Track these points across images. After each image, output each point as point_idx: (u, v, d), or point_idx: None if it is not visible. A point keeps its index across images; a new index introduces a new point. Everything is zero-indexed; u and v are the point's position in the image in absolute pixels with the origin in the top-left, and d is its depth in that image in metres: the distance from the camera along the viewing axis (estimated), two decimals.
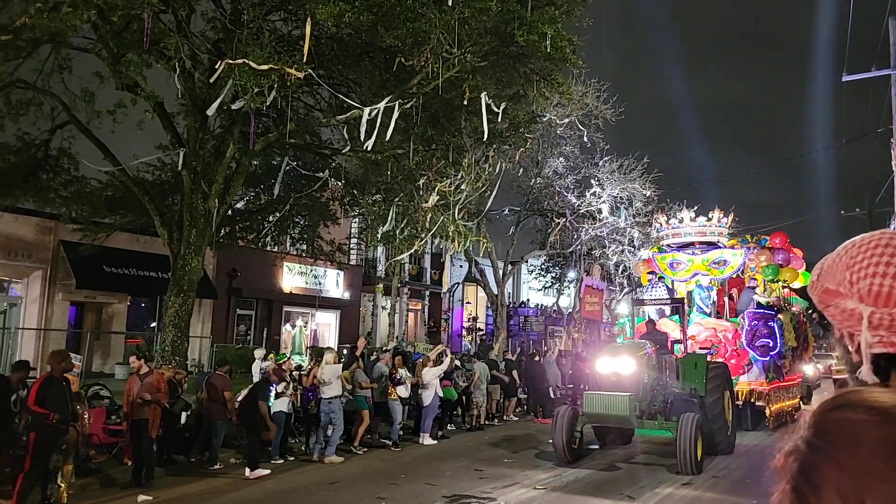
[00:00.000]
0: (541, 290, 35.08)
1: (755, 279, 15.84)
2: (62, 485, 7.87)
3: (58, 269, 18.52)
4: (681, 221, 16.03)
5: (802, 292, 19.73)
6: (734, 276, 15.81)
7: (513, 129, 12.61)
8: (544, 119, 12.87)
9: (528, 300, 36.59)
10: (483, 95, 10.48)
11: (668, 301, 14.61)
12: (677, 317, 14.21)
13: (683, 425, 9.77)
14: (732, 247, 15.76)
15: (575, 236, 23.57)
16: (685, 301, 14.21)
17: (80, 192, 13.55)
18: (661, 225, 16.46)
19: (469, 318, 32.80)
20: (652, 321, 12.79)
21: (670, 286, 16.15)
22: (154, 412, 9.18)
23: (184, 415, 10.44)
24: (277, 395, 10.81)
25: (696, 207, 16.74)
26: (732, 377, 13.20)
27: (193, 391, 11.95)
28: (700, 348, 13.44)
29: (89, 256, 16.70)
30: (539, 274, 33.45)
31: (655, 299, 14.89)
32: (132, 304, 21.32)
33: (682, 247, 15.83)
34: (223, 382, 10.46)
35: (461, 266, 30.75)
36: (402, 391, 12.35)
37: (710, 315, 15.48)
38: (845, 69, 16.92)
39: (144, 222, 13.88)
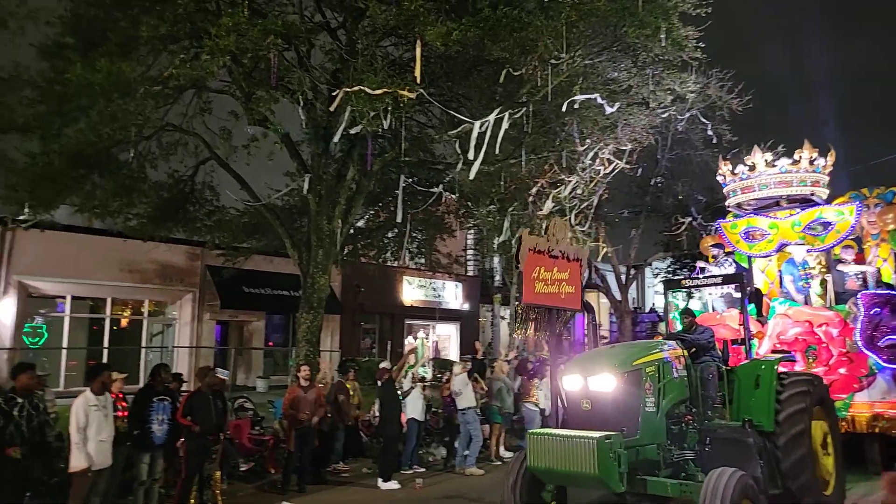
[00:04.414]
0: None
1: (851, 247, 10.74)
2: (216, 491, 8.59)
3: (205, 291, 20.31)
4: (752, 169, 10.95)
5: None
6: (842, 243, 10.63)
7: (628, 127, 12.26)
8: (663, 116, 12.36)
9: (654, 305, 35.13)
10: (597, 96, 10.28)
11: (720, 279, 9.48)
12: (753, 306, 9.84)
13: (711, 491, 5.69)
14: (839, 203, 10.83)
15: (703, 236, 22.31)
16: (745, 278, 9.19)
17: (222, 221, 14.77)
18: (725, 177, 11.38)
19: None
20: (689, 312, 8.31)
21: (747, 265, 11.34)
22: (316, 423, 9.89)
23: None
24: (405, 394, 11.09)
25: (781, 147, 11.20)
26: (842, 395, 9.16)
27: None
28: (783, 351, 9.00)
29: (231, 279, 18.16)
30: (666, 278, 32.05)
31: (696, 278, 9.83)
32: (268, 321, 22.90)
33: (762, 208, 11.23)
34: (338, 388, 11.00)
35: None
36: (542, 399, 11.97)
37: (805, 302, 10.63)
38: None
39: (277, 245, 14.86)
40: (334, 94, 10.02)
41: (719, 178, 11.79)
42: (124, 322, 20.06)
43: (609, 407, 6.40)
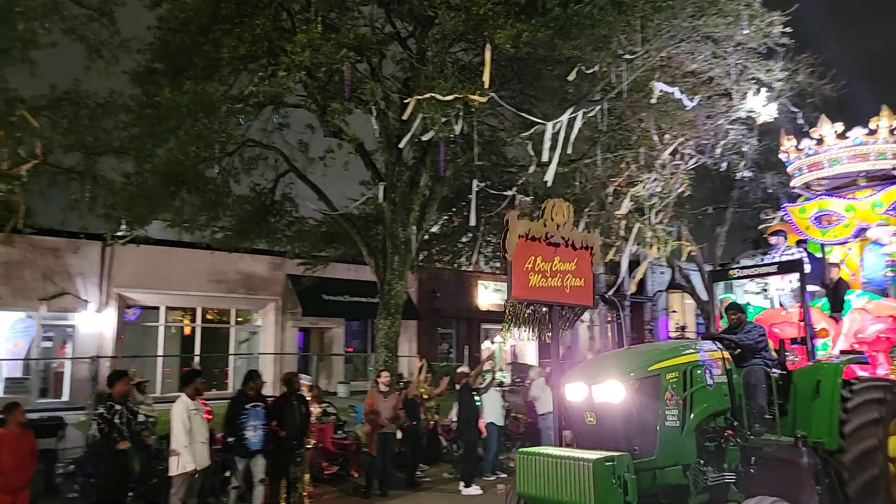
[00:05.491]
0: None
1: None
2: (303, 494, 8.83)
3: (287, 300, 21.03)
4: (820, 143, 9.50)
5: None
6: None
7: (710, 121, 11.76)
8: (745, 108, 11.77)
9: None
10: (675, 90, 9.91)
11: (774, 268, 8.00)
12: (826, 300, 8.61)
13: None
14: None
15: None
16: (803, 265, 7.47)
17: (301, 231, 15.24)
18: (789, 154, 9.96)
19: (676, 328, 30.88)
20: (736, 307, 7.23)
21: (820, 255, 9.70)
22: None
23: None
24: (480, 392, 11.01)
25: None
26: None
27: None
28: (855, 351, 7.54)
29: (311, 287, 18.69)
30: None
31: (745, 267, 8.55)
32: (347, 328, 23.43)
33: (836, 188, 9.76)
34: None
35: (662, 273, 29.13)
36: None
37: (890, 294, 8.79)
38: None
39: (354, 252, 15.17)
40: (406, 102, 10.13)
41: (782, 156, 10.34)
42: (213, 330, 21.05)
43: (617, 421, 5.33)
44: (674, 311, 31.79)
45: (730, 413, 5.94)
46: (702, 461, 5.62)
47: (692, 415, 5.60)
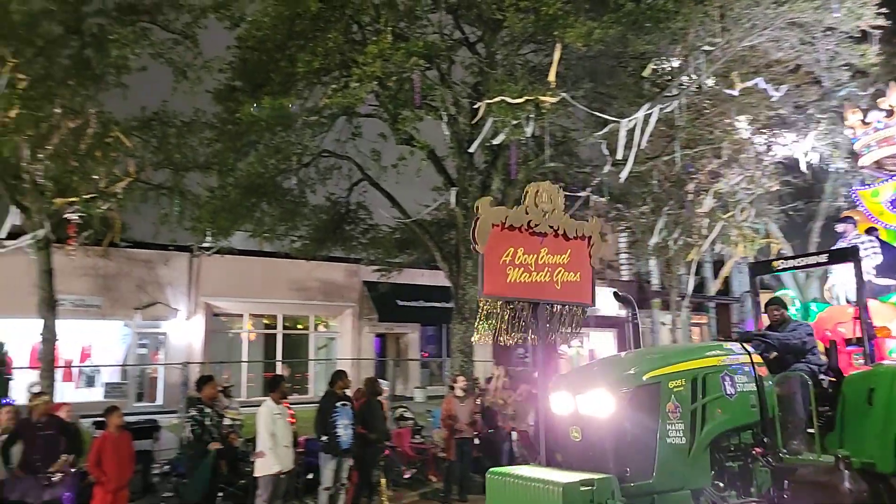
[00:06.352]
0: None
1: None
2: (383, 498, 8.91)
3: (363, 306, 21.42)
4: (890, 114, 8.36)
5: None
6: None
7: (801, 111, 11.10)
8: (840, 94, 11.02)
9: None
10: (759, 80, 9.40)
11: (824, 258, 6.91)
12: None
13: None
14: None
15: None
16: (858, 253, 6.33)
17: (375, 238, 15.49)
18: (855, 130, 8.79)
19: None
20: (778, 302, 6.51)
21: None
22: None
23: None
24: None
25: None
26: None
27: None
28: None
29: (386, 293, 18.96)
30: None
31: (791, 258, 7.87)
32: (422, 333, 23.59)
33: None
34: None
35: None
36: None
37: None
38: None
39: (427, 258, 15.28)
40: (476, 106, 10.10)
41: (848, 133, 9.31)
42: (293, 336, 21.73)
43: (605, 438, 4.58)
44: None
45: (759, 427, 5.08)
46: (721, 484, 4.83)
47: (706, 429, 4.78)
